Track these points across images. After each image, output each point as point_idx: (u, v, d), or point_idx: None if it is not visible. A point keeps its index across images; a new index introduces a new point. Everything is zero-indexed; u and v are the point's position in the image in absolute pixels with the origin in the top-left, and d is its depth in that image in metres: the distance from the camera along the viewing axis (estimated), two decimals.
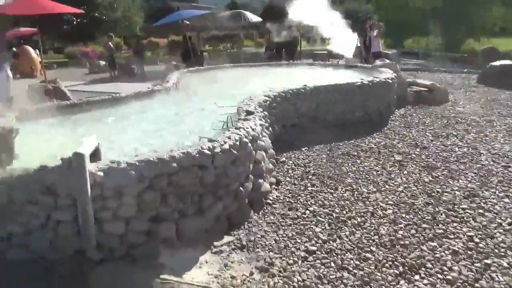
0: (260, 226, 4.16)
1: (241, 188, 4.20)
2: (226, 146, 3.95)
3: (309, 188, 5.07)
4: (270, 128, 6.20)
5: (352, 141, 6.97)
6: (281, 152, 6.26)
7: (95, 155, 3.60)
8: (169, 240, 3.64)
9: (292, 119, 7.19)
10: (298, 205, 4.62)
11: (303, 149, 6.57)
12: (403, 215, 4.33)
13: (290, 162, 6.00)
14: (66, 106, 6.37)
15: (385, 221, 4.22)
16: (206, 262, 3.52)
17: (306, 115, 7.38)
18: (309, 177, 5.45)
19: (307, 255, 3.62)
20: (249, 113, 5.20)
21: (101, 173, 3.28)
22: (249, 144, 4.32)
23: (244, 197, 4.25)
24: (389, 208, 4.50)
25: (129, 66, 18.56)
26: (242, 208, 4.24)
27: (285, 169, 5.72)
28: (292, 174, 5.55)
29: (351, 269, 3.42)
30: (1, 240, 3.29)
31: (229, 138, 4.12)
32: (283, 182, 5.26)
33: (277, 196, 4.85)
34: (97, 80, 17.16)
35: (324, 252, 3.66)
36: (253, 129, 4.61)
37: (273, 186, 5.07)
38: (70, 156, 3.18)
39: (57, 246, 3.31)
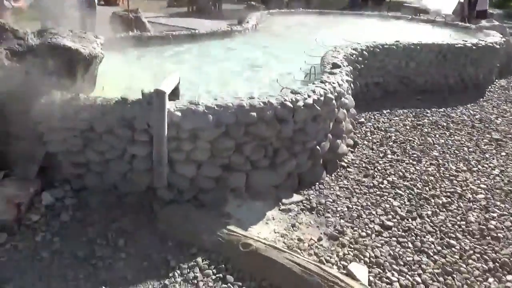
0: (332, 189, 3.90)
1: (317, 146, 3.91)
2: (310, 101, 3.62)
3: (389, 156, 4.65)
4: (352, 85, 5.70)
5: (442, 110, 6.26)
6: (360, 112, 5.80)
7: (175, 93, 3.48)
8: (238, 190, 3.52)
9: (376, 77, 6.58)
10: (376, 172, 4.25)
11: (384, 111, 6.04)
12: (497, 203, 3.81)
13: (369, 124, 5.54)
14: (147, 38, 6.33)
15: (475, 206, 3.74)
16: (273, 219, 3.38)
17: (393, 75, 6.71)
18: (390, 143, 4.99)
19: (381, 230, 3.33)
20: (335, 66, 4.75)
21: (178, 113, 3.15)
22: (334, 101, 3.95)
23: (319, 156, 3.97)
24: (481, 192, 3.98)
25: (206, 3, 18.23)
26: (316, 168, 3.98)
27: (363, 131, 5.30)
28: (370, 138, 5.12)
29: (431, 254, 3.08)
30: (80, 166, 3.37)
31: (313, 92, 3.78)
32: (360, 145, 4.88)
33: (352, 160, 4.51)
34: (174, 14, 17.15)
35: (401, 230, 3.34)
36: (339, 85, 4.19)
37: (349, 148, 4.71)
38: (151, 92, 3.07)
39: (130, 179, 3.33)
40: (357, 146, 4.84)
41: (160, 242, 2.99)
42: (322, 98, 3.79)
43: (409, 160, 4.57)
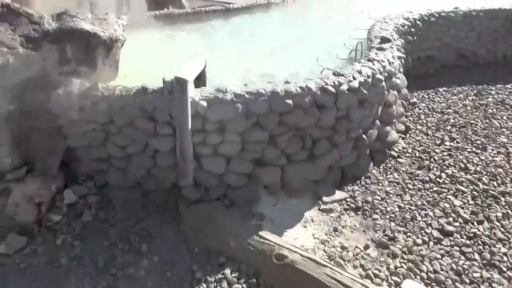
0: (380, 184, 3.42)
1: (363, 135, 3.42)
2: (355, 84, 3.12)
3: (447, 144, 4.05)
4: (403, 61, 5.05)
5: (509, 86, 5.45)
6: (412, 91, 5.16)
7: (200, 79, 3.10)
8: (273, 187, 3.14)
9: (431, 50, 5.83)
10: (432, 164, 3.70)
11: (440, 89, 5.34)
12: None
13: (423, 105, 4.90)
14: (178, 15, 5.95)
15: None
16: (312, 221, 2.98)
17: (451, 46, 5.92)
18: (447, 127, 4.37)
19: (441, 237, 2.84)
20: (384, 40, 4.15)
21: (204, 103, 2.78)
22: (383, 83, 3.41)
23: (365, 146, 3.48)
24: None
25: None
26: (361, 160, 3.50)
27: (416, 114, 4.69)
28: (424, 121, 4.51)
29: (504, 268, 2.57)
30: (102, 161, 3.12)
31: (359, 72, 3.26)
32: (412, 130, 4.30)
33: (404, 148, 3.97)
34: None
35: (465, 237, 2.83)
36: (390, 63, 3.62)
37: (400, 134, 4.16)
38: (173, 79, 2.71)
39: (154, 176, 3.04)
40: (409, 132, 4.27)
41: (185, 247, 2.70)
42: (369, 80, 3.27)
43: (471, 148, 3.96)
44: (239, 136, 2.90)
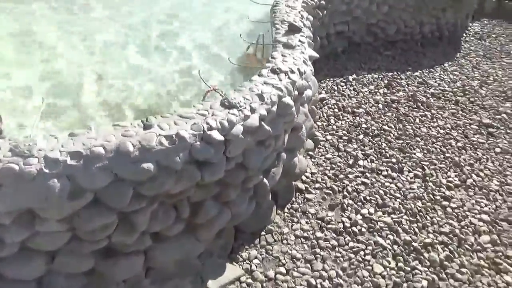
0: (285, 242, 2.59)
1: (265, 179, 2.48)
2: (254, 121, 2.09)
3: (360, 163, 3.35)
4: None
5: (418, 74, 4.96)
6: (320, 79, 4.34)
7: None
8: (133, 279, 2.08)
9: (340, 25, 5.01)
10: (345, 199, 2.98)
11: (350, 78, 4.61)
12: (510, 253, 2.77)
13: (333, 102, 4.13)
14: None
15: (486, 259, 2.66)
16: None
17: (360, 21, 5.16)
18: (360, 137, 3.67)
19: None
20: (293, 29, 3.11)
21: None
22: (293, 108, 2.43)
23: (267, 192, 2.56)
24: (485, 231, 2.90)
25: None
26: (261, 210, 2.60)
27: (325, 117, 3.89)
28: (334, 127, 3.75)
29: None
30: None
31: (260, 98, 2.22)
32: (322, 144, 3.51)
33: (312, 174, 3.17)
34: None
35: None
36: (301, 73, 2.64)
37: (309, 153, 3.34)
38: None
39: None
40: (319, 146, 3.47)
41: None
42: (274, 109, 2.27)
43: (387, 170, 3.32)
44: (63, 224, 1.72)
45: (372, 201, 3.00)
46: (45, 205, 1.61)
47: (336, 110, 4.01)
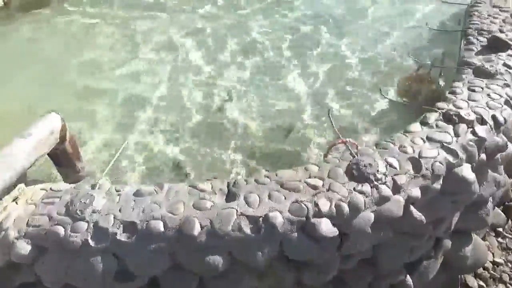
0: None
1: (409, 279, 1.65)
2: (393, 207, 1.31)
3: None
4: None
5: None
6: None
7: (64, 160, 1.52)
8: None
9: None
10: None
11: None
12: None
13: None
14: None
15: None
16: None
17: None
18: None
19: None
20: (497, 44, 2.04)
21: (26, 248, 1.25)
22: (473, 185, 1.51)
23: None
24: None
25: None
26: None
27: None
28: None
29: None
30: None
31: (414, 164, 1.40)
32: None
33: (495, 266, 2.11)
34: None
35: None
36: (497, 123, 1.64)
37: (497, 229, 2.25)
38: None
39: None
40: None
41: None
42: (437, 185, 1.42)
43: None
44: None
45: None
46: (85, 285, 1.27)
47: None
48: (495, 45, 2.04)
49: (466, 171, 1.49)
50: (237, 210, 1.29)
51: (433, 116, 1.63)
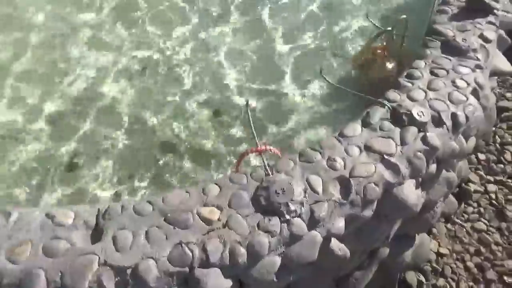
0: None
1: None
2: (309, 252, 1.03)
3: None
4: None
5: None
6: None
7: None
8: None
9: None
10: None
11: None
12: None
13: None
14: None
15: None
16: None
17: None
18: None
19: None
20: (476, 5, 1.63)
21: None
22: (415, 208, 1.22)
23: None
24: None
25: None
26: None
27: (499, 144, 2.38)
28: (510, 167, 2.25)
29: None
30: None
31: (345, 188, 1.09)
32: (474, 198, 2.13)
33: (440, 256, 1.93)
34: None
35: None
36: (457, 123, 1.31)
37: (447, 215, 2.04)
38: None
39: None
40: (468, 202, 2.12)
41: None
42: (368, 213, 1.13)
43: None
44: None
45: None
46: None
47: None
48: (474, 7, 1.62)
49: (407, 190, 1.19)
50: (99, 258, 0.98)
51: (378, 113, 1.28)
